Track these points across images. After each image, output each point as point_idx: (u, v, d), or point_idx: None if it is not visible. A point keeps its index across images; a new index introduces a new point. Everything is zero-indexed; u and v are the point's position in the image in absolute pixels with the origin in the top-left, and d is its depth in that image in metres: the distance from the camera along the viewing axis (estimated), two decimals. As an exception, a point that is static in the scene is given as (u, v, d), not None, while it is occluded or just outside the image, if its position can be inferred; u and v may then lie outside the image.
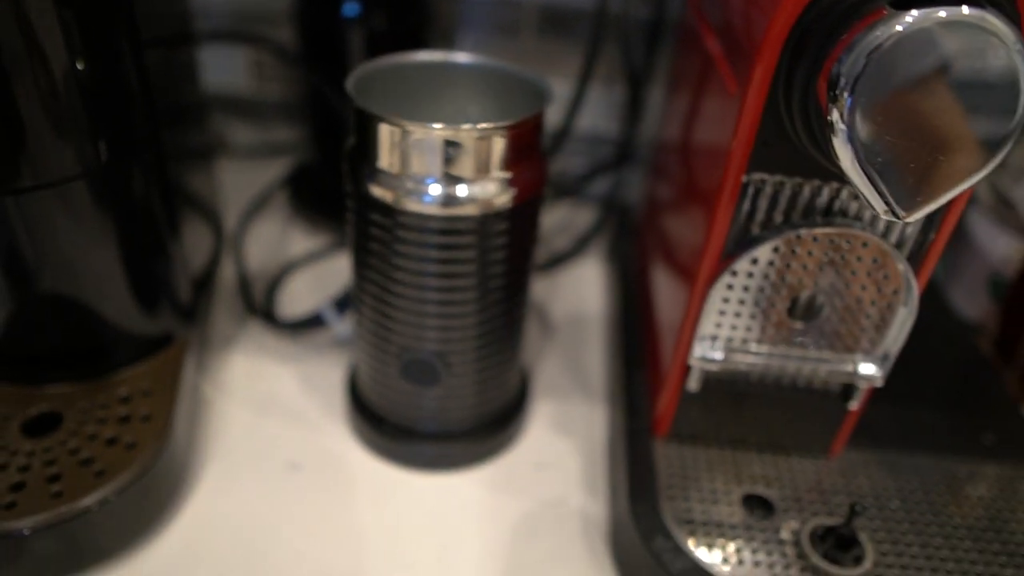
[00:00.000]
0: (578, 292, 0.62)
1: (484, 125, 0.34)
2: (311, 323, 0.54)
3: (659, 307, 0.48)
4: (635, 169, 0.69)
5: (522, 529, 0.43)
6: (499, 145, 0.35)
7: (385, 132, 0.35)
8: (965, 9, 0.26)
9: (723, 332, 0.39)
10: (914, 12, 0.26)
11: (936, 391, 0.51)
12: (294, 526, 0.42)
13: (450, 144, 0.34)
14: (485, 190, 0.36)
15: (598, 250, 0.67)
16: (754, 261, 0.36)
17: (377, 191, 0.36)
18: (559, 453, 0.48)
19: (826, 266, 0.36)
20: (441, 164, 0.35)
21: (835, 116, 0.29)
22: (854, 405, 0.42)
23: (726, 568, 0.37)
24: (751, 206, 0.36)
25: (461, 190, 0.35)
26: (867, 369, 0.39)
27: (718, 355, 0.39)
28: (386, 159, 0.35)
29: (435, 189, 0.35)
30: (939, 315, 0.58)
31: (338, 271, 0.62)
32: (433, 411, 0.44)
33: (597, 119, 0.70)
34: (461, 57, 0.41)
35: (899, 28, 0.26)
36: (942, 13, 0.26)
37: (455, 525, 0.43)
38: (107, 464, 0.39)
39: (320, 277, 0.62)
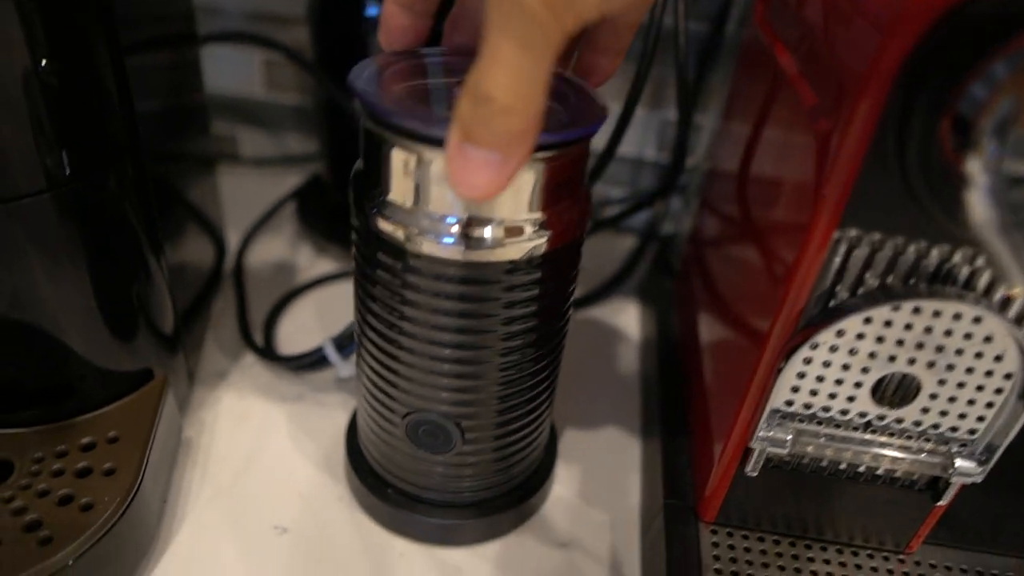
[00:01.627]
0: (609, 331, 0.56)
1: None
2: (313, 360, 0.48)
3: (709, 369, 0.42)
4: (678, 198, 0.62)
5: (539, 624, 0.37)
6: (536, 178, 0.29)
7: (398, 157, 0.28)
8: None
9: (794, 412, 0.33)
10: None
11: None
12: (274, 607, 0.36)
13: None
14: (516, 232, 0.30)
15: (634, 282, 0.60)
16: (839, 333, 0.30)
17: (386, 227, 0.30)
18: (587, 529, 0.41)
19: (926, 343, 0.30)
20: (464, 199, 0.29)
21: (974, 166, 0.22)
22: (944, 501, 0.35)
23: None
24: (840, 267, 0.29)
25: (487, 232, 0.29)
26: (965, 465, 0.33)
27: (786, 438, 0.33)
28: (398, 190, 0.29)
29: (455, 229, 0.29)
30: None
31: (347, 299, 0.56)
32: (443, 478, 0.38)
33: (637, 143, 0.63)
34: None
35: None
36: None
37: (461, 615, 0.37)
38: (55, 530, 0.33)
39: (328, 304, 0.56)
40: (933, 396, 0.31)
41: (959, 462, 0.33)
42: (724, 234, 0.44)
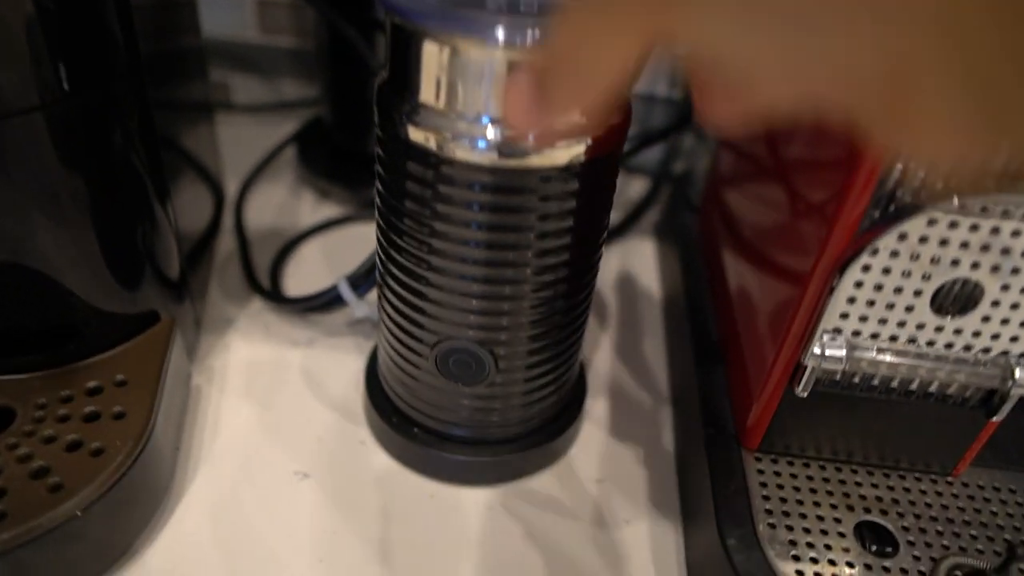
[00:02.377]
0: (627, 271, 0.54)
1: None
2: (325, 301, 0.45)
3: (745, 293, 0.40)
4: (691, 134, 0.60)
5: (578, 555, 0.35)
6: (576, 77, 0.27)
7: (430, 52, 0.26)
8: None
9: (849, 325, 0.31)
10: None
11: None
12: (300, 547, 0.35)
13: (515, 69, 0.26)
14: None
15: (647, 223, 0.58)
16: (902, 236, 0.28)
17: (416, 134, 0.28)
18: (621, 464, 0.40)
19: (992, 244, 0.28)
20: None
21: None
22: (999, 417, 0.33)
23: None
24: (903, 166, 0.27)
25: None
26: (1026, 376, 0.31)
27: (841, 353, 0.31)
28: (430, 90, 0.27)
29: (491, 132, 0.27)
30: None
31: (353, 243, 0.54)
32: (472, 413, 0.36)
33: (648, 80, 0.61)
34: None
35: None
36: None
37: (495, 550, 0.35)
38: (65, 476, 0.31)
39: (334, 249, 0.54)
40: (995, 303, 0.30)
41: (1020, 373, 0.31)
42: (757, 157, 0.42)
